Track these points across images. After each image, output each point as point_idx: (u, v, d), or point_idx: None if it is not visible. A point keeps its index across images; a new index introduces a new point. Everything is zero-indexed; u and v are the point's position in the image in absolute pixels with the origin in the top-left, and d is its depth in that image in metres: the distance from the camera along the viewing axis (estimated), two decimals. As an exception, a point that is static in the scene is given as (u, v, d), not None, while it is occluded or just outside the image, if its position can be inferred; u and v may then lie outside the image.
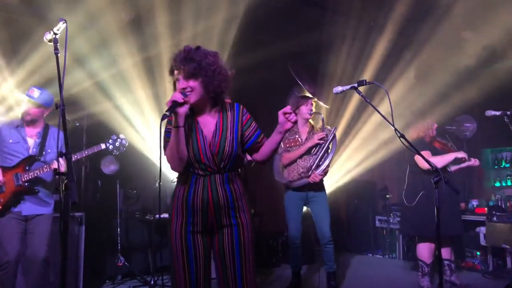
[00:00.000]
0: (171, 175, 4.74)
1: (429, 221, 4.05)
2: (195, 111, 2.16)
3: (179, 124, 2.00)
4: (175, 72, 2.09)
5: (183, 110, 2.00)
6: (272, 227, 6.31)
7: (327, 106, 4.89)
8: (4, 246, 3.30)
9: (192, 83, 2.05)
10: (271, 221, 6.33)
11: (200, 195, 2.09)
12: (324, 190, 4.21)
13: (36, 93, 3.41)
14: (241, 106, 2.24)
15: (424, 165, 3.95)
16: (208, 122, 2.16)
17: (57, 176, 1.86)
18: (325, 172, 4.06)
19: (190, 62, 2.04)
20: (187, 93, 2.03)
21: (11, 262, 3.30)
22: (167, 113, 1.94)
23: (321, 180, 4.09)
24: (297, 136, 4.11)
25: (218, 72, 2.09)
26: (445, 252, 4.22)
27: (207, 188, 2.10)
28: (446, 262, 4.25)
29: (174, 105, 1.96)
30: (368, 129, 6.23)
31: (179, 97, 1.97)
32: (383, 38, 5.56)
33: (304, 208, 4.25)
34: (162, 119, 1.95)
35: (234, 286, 2.10)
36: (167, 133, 2.12)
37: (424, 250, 4.21)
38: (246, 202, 2.20)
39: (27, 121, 3.46)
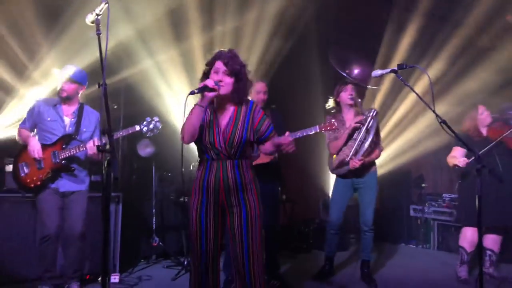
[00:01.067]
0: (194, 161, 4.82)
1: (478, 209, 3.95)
2: (216, 103, 2.50)
3: (202, 104, 2.35)
4: (217, 63, 2.41)
5: (210, 95, 2.33)
6: (303, 213, 6.30)
7: (375, 87, 4.78)
8: (45, 220, 3.46)
9: (228, 79, 2.41)
10: (302, 207, 6.33)
11: (213, 176, 2.45)
12: (373, 174, 4.08)
13: (71, 70, 3.51)
14: (255, 104, 2.56)
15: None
16: (224, 114, 2.50)
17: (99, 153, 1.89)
18: (370, 155, 3.93)
19: (235, 63, 2.42)
20: (220, 85, 2.36)
21: (51, 236, 3.46)
22: (196, 91, 2.32)
23: (369, 165, 4.00)
24: (339, 124, 3.99)
25: (246, 81, 2.50)
26: (491, 242, 4.11)
27: (219, 171, 2.45)
28: (488, 253, 4.13)
29: (204, 88, 2.31)
30: (404, 115, 6.08)
31: (211, 83, 2.32)
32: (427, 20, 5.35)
33: None
34: (189, 94, 2.32)
35: (242, 259, 2.42)
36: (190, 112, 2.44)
37: (467, 237, 4.08)
38: (255, 187, 2.52)
39: (63, 97, 3.56)
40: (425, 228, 5.91)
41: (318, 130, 3.67)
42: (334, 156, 4.09)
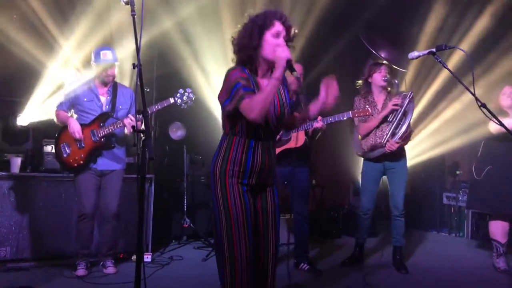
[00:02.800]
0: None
1: (503, 198, 3.83)
2: (259, 72, 2.18)
3: (281, 78, 2.02)
4: (277, 25, 2.09)
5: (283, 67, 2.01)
6: (333, 198, 6.27)
7: (405, 70, 4.65)
8: (82, 199, 3.58)
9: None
10: (332, 192, 6.29)
11: (260, 158, 2.14)
12: (405, 158, 4.01)
13: (110, 55, 3.56)
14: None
15: (495, 128, 3.71)
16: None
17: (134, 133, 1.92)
18: (405, 138, 3.85)
19: (291, 28, 2.13)
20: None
21: (88, 214, 3.58)
22: (294, 71, 2.01)
23: (401, 149, 3.92)
24: (370, 106, 3.91)
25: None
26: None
27: (265, 152, 2.15)
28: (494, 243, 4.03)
29: (289, 63, 2.00)
30: (439, 101, 5.88)
31: (290, 55, 2.01)
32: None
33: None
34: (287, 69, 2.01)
35: (274, 240, 2.21)
36: (245, 86, 2.04)
37: (497, 229, 3.98)
38: None
39: (109, 82, 3.64)
40: (459, 216, 5.77)
41: (351, 116, 3.62)
42: (360, 138, 4.01)
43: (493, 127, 3.76)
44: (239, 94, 2.01)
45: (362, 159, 4.14)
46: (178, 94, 3.57)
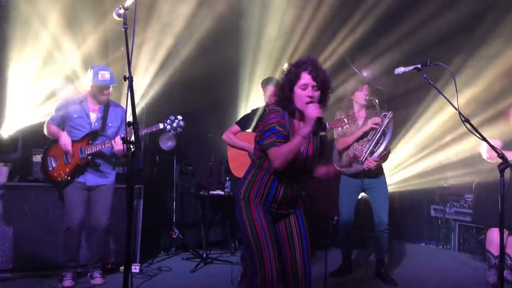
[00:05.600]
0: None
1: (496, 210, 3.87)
2: (296, 114, 2.33)
3: (307, 136, 2.16)
4: (304, 76, 2.22)
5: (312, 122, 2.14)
6: (322, 210, 6.28)
7: (386, 90, 4.75)
8: (70, 212, 3.57)
9: (316, 93, 2.24)
10: (321, 204, 6.30)
11: (282, 192, 2.31)
12: (384, 175, 4.12)
13: (107, 75, 3.55)
14: None
15: (487, 155, 3.78)
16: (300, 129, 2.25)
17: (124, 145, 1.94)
18: (383, 157, 3.94)
19: (323, 75, 2.24)
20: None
21: (75, 228, 3.56)
22: (322, 132, 2.27)
23: (379, 166, 4.00)
24: (349, 120, 3.97)
25: (330, 88, 2.32)
26: (509, 246, 4.02)
27: (289, 186, 2.32)
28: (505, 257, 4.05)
29: (318, 122, 2.19)
30: (427, 115, 5.98)
31: (320, 113, 2.14)
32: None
33: (362, 194, 4.20)
34: (317, 132, 2.32)
35: (302, 261, 2.37)
36: (279, 133, 2.20)
37: (495, 240, 4.01)
38: None
39: (103, 101, 3.66)
40: (446, 229, 5.83)
41: (328, 127, 3.67)
42: (339, 152, 4.09)
43: (486, 153, 3.80)
44: (272, 139, 2.19)
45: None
46: (168, 121, 3.60)
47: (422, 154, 6.08)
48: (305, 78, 2.22)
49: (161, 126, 3.60)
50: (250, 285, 2.31)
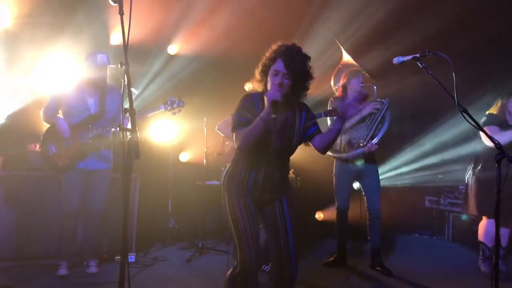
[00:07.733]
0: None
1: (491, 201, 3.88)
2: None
3: (268, 118, 2.11)
4: (278, 63, 2.18)
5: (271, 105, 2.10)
6: (318, 200, 6.29)
7: (374, 81, 4.72)
8: (67, 198, 3.57)
9: (287, 81, 2.18)
10: (317, 194, 6.31)
11: (261, 178, 2.31)
12: (375, 163, 4.14)
13: (105, 58, 3.54)
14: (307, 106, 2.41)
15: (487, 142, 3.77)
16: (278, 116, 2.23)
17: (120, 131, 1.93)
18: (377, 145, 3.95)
19: (298, 64, 2.18)
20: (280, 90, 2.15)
21: (73, 213, 3.57)
22: (274, 116, 2.09)
23: (373, 154, 4.01)
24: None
25: (309, 77, 2.27)
26: (501, 236, 4.04)
27: (268, 173, 2.31)
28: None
29: (275, 105, 2.09)
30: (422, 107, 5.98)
31: (279, 96, 2.09)
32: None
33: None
34: (267, 118, 2.11)
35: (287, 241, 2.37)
36: (242, 116, 2.24)
37: (488, 231, 4.01)
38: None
39: (101, 84, 3.62)
40: (440, 220, 5.86)
41: (323, 116, 3.67)
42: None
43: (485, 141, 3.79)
44: (235, 123, 2.25)
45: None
46: (169, 102, 3.59)
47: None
48: (278, 64, 2.18)
49: (162, 108, 3.61)
50: (231, 274, 2.41)
